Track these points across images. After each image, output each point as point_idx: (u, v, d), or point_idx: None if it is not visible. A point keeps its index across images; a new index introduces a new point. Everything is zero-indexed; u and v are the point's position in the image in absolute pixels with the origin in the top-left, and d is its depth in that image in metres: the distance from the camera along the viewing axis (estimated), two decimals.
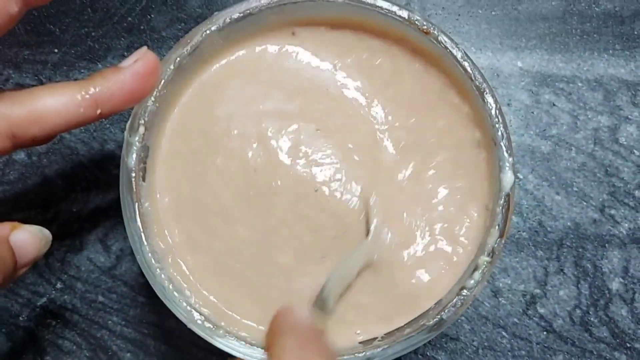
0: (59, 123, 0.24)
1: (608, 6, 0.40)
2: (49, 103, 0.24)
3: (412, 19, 0.29)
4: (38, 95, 0.24)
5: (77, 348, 0.37)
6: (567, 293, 0.37)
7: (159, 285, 0.27)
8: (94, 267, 0.37)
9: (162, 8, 0.40)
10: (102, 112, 0.25)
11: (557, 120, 0.39)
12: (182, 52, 0.29)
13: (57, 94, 0.24)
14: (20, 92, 0.25)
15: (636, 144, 0.39)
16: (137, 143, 0.28)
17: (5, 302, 0.37)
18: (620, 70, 0.40)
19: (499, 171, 0.28)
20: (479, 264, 0.27)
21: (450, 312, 0.27)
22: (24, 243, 0.25)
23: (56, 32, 0.40)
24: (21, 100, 0.24)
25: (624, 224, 0.38)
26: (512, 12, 0.41)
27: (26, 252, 0.25)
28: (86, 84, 0.25)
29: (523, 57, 0.40)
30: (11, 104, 0.24)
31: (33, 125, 0.24)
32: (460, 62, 0.29)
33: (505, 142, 0.28)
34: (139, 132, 0.28)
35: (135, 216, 0.28)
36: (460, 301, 0.27)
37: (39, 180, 0.38)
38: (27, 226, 0.26)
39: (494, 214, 0.28)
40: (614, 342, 0.37)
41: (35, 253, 0.26)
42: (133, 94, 0.26)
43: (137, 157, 0.28)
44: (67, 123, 0.25)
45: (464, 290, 0.27)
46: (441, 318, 0.27)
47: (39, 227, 0.26)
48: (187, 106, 0.31)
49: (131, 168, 0.28)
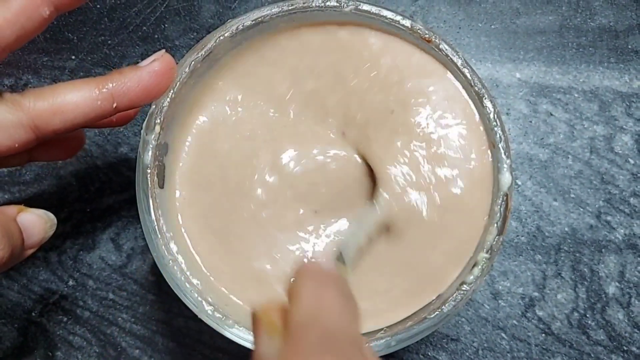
0: (78, 115, 0.26)
1: (603, 21, 0.42)
2: (69, 97, 0.26)
3: (415, 27, 0.31)
4: (59, 90, 0.26)
5: (87, 344, 0.38)
6: (564, 296, 0.38)
7: (171, 276, 0.28)
8: (106, 265, 0.39)
9: (175, 18, 0.42)
10: (118, 106, 0.27)
11: (554, 129, 0.41)
12: (196, 57, 0.31)
13: (76, 89, 0.26)
14: (43, 88, 0.26)
15: (631, 153, 0.40)
16: (152, 141, 0.30)
17: (19, 298, 0.38)
18: (615, 82, 0.41)
19: (498, 172, 0.29)
20: (479, 260, 0.29)
21: (451, 306, 0.28)
22: (30, 224, 0.27)
23: (74, 40, 0.42)
24: (44, 95, 0.26)
25: (620, 230, 0.39)
26: (510, 26, 0.42)
27: (33, 234, 0.27)
28: (104, 79, 0.27)
29: (521, 68, 0.42)
30: (34, 98, 0.26)
31: (54, 118, 0.26)
32: (460, 69, 0.31)
33: (503, 144, 0.30)
34: (154, 131, 0.30)
35: (150, 210, 0.29)
36: (460, 295, 0.28)
37: (54, 181, 0.40)
38: (33, 209, 0.27)
39: (492, 213, 0.29)
40: (611, 345, 0.38)
41: (41, 235, 0.27)
42: (148, 91, 0.27)
43: (153, 154, 0.29)
44: (86, 115, 0.26)
45: (464, 285, 0.28)
46: (442, 311, 0.28)
47: (45, 210, 0.28)
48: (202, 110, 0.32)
49: (147, 164, 0.29)
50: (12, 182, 0.40)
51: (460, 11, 0.43)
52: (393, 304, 0.30)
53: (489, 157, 0.30)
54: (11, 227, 0.26)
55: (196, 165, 0.31)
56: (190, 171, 0.31)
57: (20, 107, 0.25)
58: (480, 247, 0.29)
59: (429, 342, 0.38)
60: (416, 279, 0.30)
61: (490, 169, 0.30)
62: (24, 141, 0.26)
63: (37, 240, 0.27)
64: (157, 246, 0.29)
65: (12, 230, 0.25)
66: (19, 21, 0.25)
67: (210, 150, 0.32)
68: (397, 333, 0.28)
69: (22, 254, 0.27)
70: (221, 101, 0.32)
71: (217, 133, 0.32)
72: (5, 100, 0.25)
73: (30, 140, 0.26)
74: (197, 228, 0.31)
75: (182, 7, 0.42)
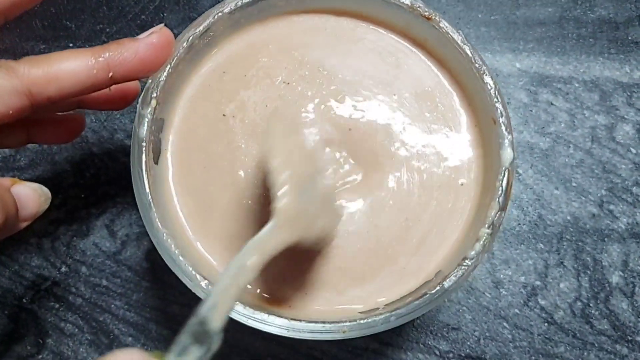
0: (74, 83, 0.26)
1: (602, 12, 0.42)
2: (65, 65, 0.26)
3: (415, 5, 0.31)
4: (55, 58, 0.26)
5: (78, 331, 0.37)
6: (567, 285, 0.38)
7: (166, 249, 0.28)
8: (99, 251, 0.38)
9: (174, 7, 0.42)
10: (114, 76, 0.26)
11: (555, 118, 0.40)
12: (194, 33, 0.31)
13: (72, 57, 0.26)
14: (38, 56, 0.26)
15: (633, 142, 0.40)
16: (148, 115, 0.29)
17: (10, 284, 0.37)
18: (616, 72, 0.41)
19: (499, 148, 0.29)
20: (480, 235, 0.28)
21: (452, 282, 0.27)
22: (25, 196, 0.27)
23: (72, 28, 0.41)
24: (39, 63, 0.25)
25: (623, 219, 0.39)
26: (510, 17, 0.42)
27: (27, 206, 0.27)
28: (101, 49, 0.26)
29: (521, 59, 0.41)
30: (30, 65, 0.25)
31: (49, 85, 0.25)
32: (460, 46, 0.30)
33: (504, 120, 0.29)
34: (150, 105, 0.29)
35: (145, 184, 0.28)
36: (462, 270, 0.28)
37: (49, 167, 0.39)
38: (27, 182, 0.27)
39: (493, 189, 0.29)
40: (615, 334, 0.37)
41: (35, 208, 0.27)
42: (145, 63, 0.27)
43: (148, 128, 0.29)
44: (81, 84, 0.26)
45: (466, 260, 0.28)
46: (443, 287, 0.27)
47: (39, 184, 0.27)
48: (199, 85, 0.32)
49: (142, 138, 0.29)
50: (6, 167, 0.39)
51: (460, 2, 0.43)
52: (394, 280, 0.29)
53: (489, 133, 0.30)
54: (5, 196, 0.25)
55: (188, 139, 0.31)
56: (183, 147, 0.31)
57: (15, 74, 0.25)
58: (482, 222, 0.28)
59: (430, 331, 0.37)
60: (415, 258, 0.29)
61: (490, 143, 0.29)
62: (18, 108, 0.25)
63: (31, 213, 0.27)
64: (152, 220, 0.28)
65: (6, 198, 0.25)
66: None
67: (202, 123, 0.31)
68: (397, 308, 0.27)
69: (17, 225, 0.26)
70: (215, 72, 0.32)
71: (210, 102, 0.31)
72: (0, 66, 0.25)
73: (24, 107, 0.25)
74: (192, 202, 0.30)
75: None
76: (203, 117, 0.31)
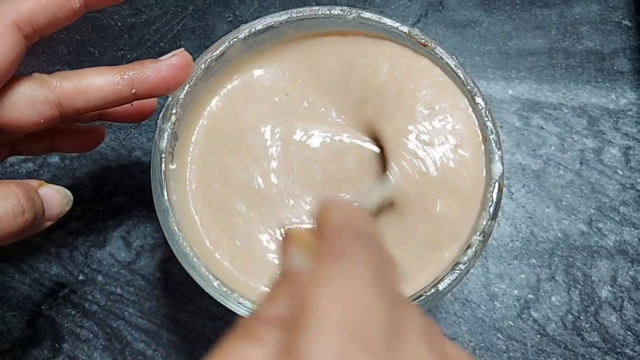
0: (100, 97, 0.28)
1: (589, 44, 0.45)
2: (93, 80, 0.29)
3: (412, 33, 0.34)
4: (84, 73, 0.29)
5: (93, 337, 0.39)
6: (558, 299, 0.40)
7: (181, 252, 0.30)
8: (115, 261, 0.40)
9: (190, 36, 0.45)
10: (137, 92, 0.29)
11: (545, 141, 0.43)
12: (210, 56, 0.33)
13: (100, 73, 0.29)
14: (69, 71, 0.29)
15: (619, 165, 0.42)
16: (168, 129, 0.32)
17: (30, 292, 0.40)
18: (602, 99, 0.44)
19: (490, 162, 0.31)
20: (472, 242, 0.30)
21: (446, 284, 0.29)
22: (50, 197, 0.29)
23: (95, 54, 0.45)
24: (70, 77, 0.29)
25: (611, 237, 0.41)
26: (503, 48, 0.45)
27: (52, 206, 0.29)
28: (126, 67, 0.29)
29: (513, 86, 0.44)
30: (61, 79, 0.28)
31: (78, 97, 0.28)
32: (454, 70, 0.33)
33: (494, 137, 0.32)
34: (170, 120, 0.32)
35: (164, 192, 0.31)
36: (455, 274, 0.30)
37: (70, 182, 0.42)
38: (52, 185, 0.30)
39: (485, 200, 0.31)
40: (605, 347, 0.39)
41: (59, 209, 0.29)
42: (166, 82, 0.30)
43: (168, 142, 0.32)
44: (107, 98, 0.29)
45: (459, 264, 0.30)
46: (437, 289, 0.29)
47: (62, 187, 0.30)
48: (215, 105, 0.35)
49: (162, 150, 0.31)
50: None
51: (456, 34, 0.46)
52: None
53: (482, 149, 0.32)
54: (34, 196, 0.28)
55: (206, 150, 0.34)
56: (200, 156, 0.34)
57: (48, 86, 0.28)
58: (474, 230, 0.30)
59: None
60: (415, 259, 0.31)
61: (482, 159, 0.32)
62: (49, 117, 0.28)
63: (55, 213, 0.29)
64: (169, 224, 0.30)
65: (35, 198, 0.27)
66: (52, 8, 0.27)
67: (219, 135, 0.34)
68: None
69: (42, 224, 0.29)
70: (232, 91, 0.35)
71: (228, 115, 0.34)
72: (35, 79, 0.28)
73: (54, 117, 0.28)
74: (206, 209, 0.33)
75: (197, 26, 0.45)
76: (219, 134, 0.34)
